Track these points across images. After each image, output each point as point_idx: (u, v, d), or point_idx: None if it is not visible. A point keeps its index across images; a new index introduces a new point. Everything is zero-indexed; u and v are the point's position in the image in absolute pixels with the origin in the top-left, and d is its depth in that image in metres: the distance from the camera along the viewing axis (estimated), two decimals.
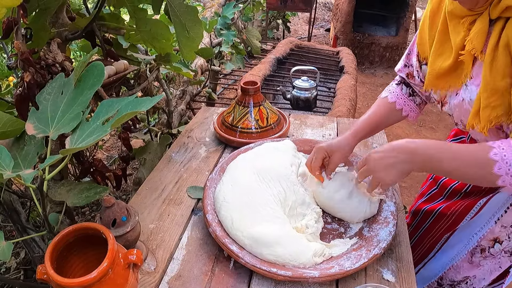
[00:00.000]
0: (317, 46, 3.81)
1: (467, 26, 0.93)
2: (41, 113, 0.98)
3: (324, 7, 8.54)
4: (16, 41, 1.12)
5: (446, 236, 1.30)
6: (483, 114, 0.92)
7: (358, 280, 0.99)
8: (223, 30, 3.02)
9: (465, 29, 0.94)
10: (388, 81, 5.02)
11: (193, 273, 1.00)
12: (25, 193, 1.63)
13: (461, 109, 1.02)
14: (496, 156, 0.86)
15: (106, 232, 0.81)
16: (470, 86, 0.97)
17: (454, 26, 0.97)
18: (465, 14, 0.93)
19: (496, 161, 0.85)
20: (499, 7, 0.85)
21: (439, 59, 1.03)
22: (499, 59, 0.87)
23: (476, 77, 0.95)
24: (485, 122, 0.92)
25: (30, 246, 1.47)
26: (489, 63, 0.88)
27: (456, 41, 0.96)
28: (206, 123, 1.73)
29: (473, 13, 0.91)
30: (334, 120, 1.76)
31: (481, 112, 0.92)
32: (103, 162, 1.42)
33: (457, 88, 1.02)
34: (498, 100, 0.89)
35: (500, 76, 0.87)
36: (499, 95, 0.89)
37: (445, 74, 1.02)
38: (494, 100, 0.89)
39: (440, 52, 1.03)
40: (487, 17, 0.89)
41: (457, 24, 0.96)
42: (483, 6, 0.89)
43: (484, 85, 0.90)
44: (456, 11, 0.95)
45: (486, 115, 0.92)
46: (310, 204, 1.16)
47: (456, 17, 0.96)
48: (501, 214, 1.14)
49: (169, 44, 1.53)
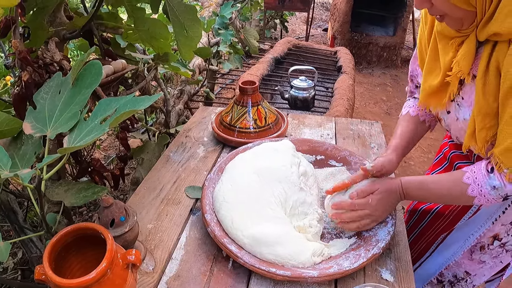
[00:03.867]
0: (315, 46, 3.81)
1: (455, 47, 0.94)
2: (39, 113, 0.97)
3: (322, 7, 8.55)
4: (14, 40, 1.11)
5: (443, 236, 1.30)
6: (479, 135, 0.94)
7: (357, 280, 0.99)
8: (221, 30, 3.02)
9: (453, 50, 0.95)
10: (386, 81, 5.09)
11: (191, 273, 1.00)
12: (23, 193, 1.63)
13: (456, 127, 1.05)
14: (468, 180, 0.97)
15: (105, 232, 0.81)
16: (462, 106, 0.99)
17: (443, 46, 0.98)
18: (453, 35, 0.94)
19: (469, 185, 0.97)
20: (485, 32, 0.86)
21: (429, 77, 1.05)
22: (490, 83, 0.88)
23: (467, 98, 0.97)
24: (482, 143, 0.95)
25: (27, 246, 1.46)
26: (481, 87, 0.89)
27: (445, 61, 0.97)
28: (204, 122, 1.73)
29: (461, 34, 0.92)
30: (332, 120, 1.76)
31: (477, 134, 0.95)
32: (101, 162, 1.41)
33: (445, 107, 1.04)
34: (492, 120, 0.91)
35: (492, 98, 0.89)
36: (493, 116, 0.91)
37: (434, 92, 1.04)
38: (489, 121, 0.91)
39: (430, 70, 1.04)
40: (474, 39, 0.90)
41: (446, 45, 0.97)
42: (469, 28, 0.89)
43: (478, 108, 0.92)
44: (445, 32, 0.96)
45: (483, 136, 0.94)
46: (311, 204, 1.16)
47: (445, 37, 0.97)
48: (498, 215, 1.15)
49: (167, 44, 1.52)
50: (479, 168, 0.97)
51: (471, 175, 0.97)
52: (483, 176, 0.95)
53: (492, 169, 0.95)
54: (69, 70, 1.21)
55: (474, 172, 0.97)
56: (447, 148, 1.35)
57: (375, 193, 1.06)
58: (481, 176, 0.95)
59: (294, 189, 1.16)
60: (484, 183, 0.95)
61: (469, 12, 0.85)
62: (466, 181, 0.97)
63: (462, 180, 0.98)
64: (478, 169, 0.97)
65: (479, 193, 0.96)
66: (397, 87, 5.00)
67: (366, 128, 1.69)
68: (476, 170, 0.97)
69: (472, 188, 0.96)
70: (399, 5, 5.19)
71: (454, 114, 1.03)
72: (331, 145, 1.43)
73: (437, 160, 1.41)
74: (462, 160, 1.25)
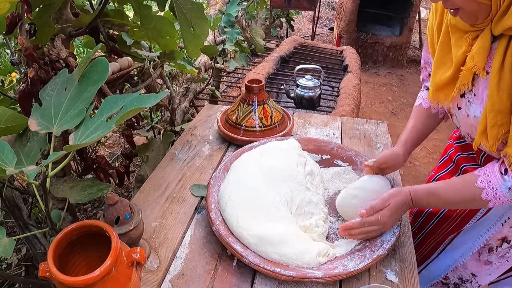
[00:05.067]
0: (321, 45, 3.79)
1: (469, 41, 0.93)
2: (44, 109, 0.97)
3: (328, 6, 8.52)
4: (20, 36, 1.11)
5: (451, 237, 1.29)
6: (491, 133, 0.93)
7: (362, 281, 0.98)
8: (227, 28, 3.01)
9: (467, 44, 0.94)
10: (392, 81, 5.06)
11: (196, 272, 1.00)
12: (27, 189, 1.63)
13: (467, 124, 1.04)
14: (482, 184, 0.96)
15: (110, 230, 0.81)
16: (473, 103, 0.98)
17: (456, 40, 0.97)
18: (467, 29, 0.93)
19: (483, 189, 0.95)
20: (500, 26, 0.85)
21: (439, 70, 1.03)
22: (505, 79, 0.87)
23: (479, 95, 0.95)
24: (494, 141, 0.94)
25: (31, 242, 1.46)
26: (495, 83, 0.88)
27: (457, 55, 0.96)
28: (210, 121, 1.73)
29: (475, 28, 0.91)
30: (338, 119, 1.75)
31: (488, 131, 0.93)
32: (106, 159, 1.41)
33: (453, 101, 1.03)
34: (505, 118, 0.90)
35: (506, 95, 0.88)
36: (506, 113, 0.89)
37: (444, 86, 1.03)
38: (501, 118, 0.90)
39: (441, 63, 1.03)
40: (489, 33, 0.89)
41: (460, 38, 0.96)
42: (483, 22, 0.88)
43: (491, 105, 0.90)
44: (459, 25, 0.95)
45: (494, 133, 0.93)
46: (317, 204, 1.15)
47: (459, 31, 0.96)
48: (508, 217, 1.14)
49: (173, 41, 1.52)
50: (493, 171, 0.95)
51: (484, 178, 0.96)
52: (497, 179, 0.94)
53: (506, 171, 0.93)
54: (75, 67, 1.21)
55: (487, 175, 0.95)
56: (453, 150, 1.34)
57: (385, 209, 1.03)
58: (495, 179, 0.94)
59: (300, 188, 1.15)
60: (499, 186, 0.93)
61: (484, 5, 0.84)
62: (480, 185, 0.96)
63: (476, 184, 0.96)
64: (491, 171, 0.95)
65: (493, 197, 0.94)
66: (403, 87, 4.97)
67: (372, 128, 1.68)
68: (489, 174, 0.95)
69: (487, 192, 0.95)
70: (405, 5, 5.16)
71: (464, 110, 1.02)
72: (337, 144, 1.42)
73: (442, 162, 1.40)
74: (469, 162, 1.24)
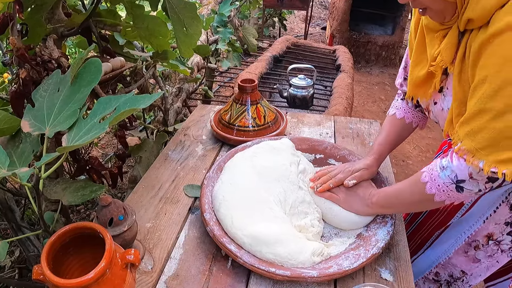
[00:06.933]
0: (313, 44, 3.80)
1: (440, 39, 0.96)
2: (37, 110, 0.97)
3: (320, 5, 8.54)
4: (11, 37, 1.10)
5: (438, 232, 1.31)
6: (456, 122, 0.94)
7: (356, 280, 0.99)
8: (219, 28, 3.01)
9: (438, 42, 0.96)
10: (384, 80, 5.09)
11: (190, 273, 0.99)
12: (20, 191, 1.62)
13: (442, 117, 1.05)
14: (425, 178, 0.98)
15: (103, 231, 0.80)
16: (447, 96, 1.01)
17: (430, 40, 0.99)
18: (438, 28, 0.96)
19: (426, 182, 0.97)
20: (462, 20, 0.87)
21: (416, 68, 1.06)
22: (466, 70, 0.89)
23: (451, 88, 0.97)
24: None
25: (25, 244, 1.45)
26: (457, 74, 0.91)
27: (431, 53, 0.99)
28: (203, 121, 1.72)
29: (445, 27, 0.94)
30: (331, 119, 1.75)
31: (453, 120, 0.96)
32: (99, 160, 1.40)
33: (431, 97, 1.06)
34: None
35: (468, 85, 0.89)
36: None
37: (421, 83, 1.06)
38: (465, 108, 0.91)
39: (417, 62, 1.06)
40: (456, 30, 0.91)
41: (433, 38, 0.98)
42: (451, 20, 0.90)
43: (454, 94, 0.93)
44: (430, 25, 0.97)
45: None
46: (311, 203, 1.16)
47: (431, 30, 0.99)
48: (489, 214, 1.15)
49: (166, 41, 1.51)
50: (435, 164, 0.97)
51: (427, 173, 0.98)
52: (437, 169, 0.95)
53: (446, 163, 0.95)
54: (68, 68, 1.20)
55: (430, 169, 0.97)
56: (447, 147, 1.35)
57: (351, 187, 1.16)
58: (436, 171, 0.95)
59: (293, 188, 1.15)
60: (437, 175, 0.95)
61: (450, 3, 0.86)
62: (424, 180, 0.98)
63: (420, 180, 0.98)
64: (434, 165, 0.97)
65: (436, 188, 0.95)
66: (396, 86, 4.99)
67: (365, 127, 1.69)
68: (432, 167, 0.97)
69: (430, 185, 0.96)
70: (398, 4, 5.16)
71: (440, 104, 1.05)
72: (330, 143, 1.43)
73: None
74: None
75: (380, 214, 1.14)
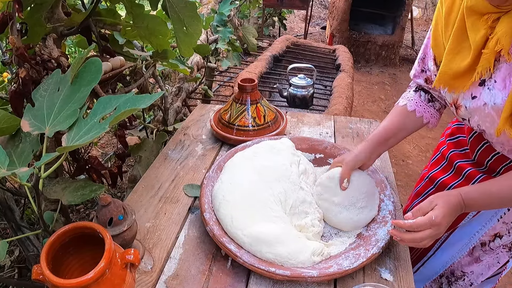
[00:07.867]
0: (313, 44, 3.80)
1: (489, 23, 0.87)
2: (37, 110, 0.96)
3: (320, 5, 8.54)
4: (11, 36, 1.10)
5: (446, 234, 1.30)
6: None
7: (356, 279, 0.99)
8: (219, 27, 3.00)
9: (486, 27, 0.87)
10: (384, 80, 5.08)
11: (190, 272, 0.99)
12: (20, 191, 1.61)
13: (481, 113, 0.96)
14: None
15: (103, 231, 0.80)
16: (493, 89, 0.92)
17: (473, 23, 0.90)
18: (488, 11, 0.86)
19: None
20: None
21: (456, 58, 0.96)
22: None
23: (500, 80, 0.90)
24: None
25: (24, 244, 1.45)
26: None
27: (476, 39, 0.89)
28: (203, 120, 1.72)
29: (499, 10, 0.85)
30: (331, 118, 1.75)
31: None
32: (98, 160, 1.40)
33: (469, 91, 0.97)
34: None
35: None
36: None
37: (462, 74, 0.96)
38: None
39: (457, 50, 0.96)
40: None
41: (477, 21, 0.89)
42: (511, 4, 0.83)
43: None
44: (477, 7, 0.87)
45: None
46: (311, 203, 1.16)
47: (475, 13, 0.89)
48: (504, 212, 1.14)
49: (166, 41, 1.51)
50: None
51: None
52: None
53: None
54: (67, 67, 1.20)
55: None
56: (445, 147, 1.34)
57: (436, 208, 0.95)
58: None
59: (294, 188, 1.15)
60: None
61: None
62: None
63: None
64: None
65: None
66: (396, 86, 5.00)
67: (365, 127, 1.69)
68: None
69: None
70: (398, 4, 5.18)
71: (481, 99, 0.95)
72: (330, 143, 1.42)
73: (435, 159, 1.41)
74: (462, 159, 1.25)
75: None
